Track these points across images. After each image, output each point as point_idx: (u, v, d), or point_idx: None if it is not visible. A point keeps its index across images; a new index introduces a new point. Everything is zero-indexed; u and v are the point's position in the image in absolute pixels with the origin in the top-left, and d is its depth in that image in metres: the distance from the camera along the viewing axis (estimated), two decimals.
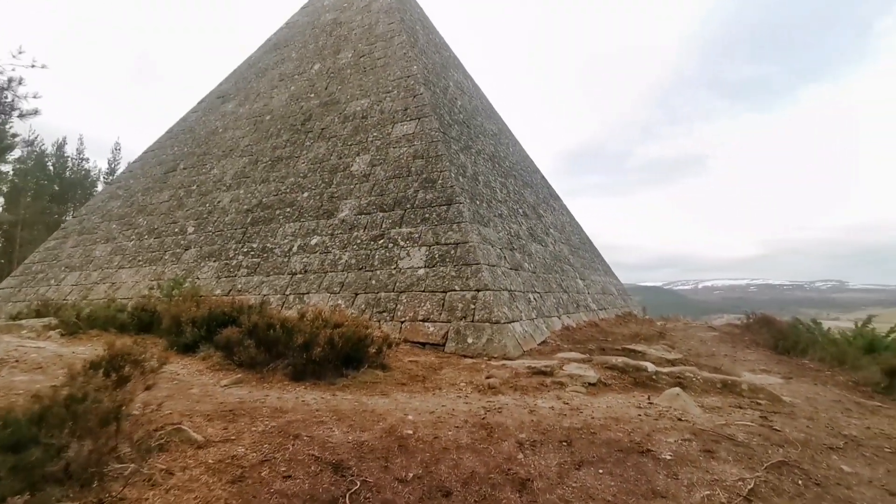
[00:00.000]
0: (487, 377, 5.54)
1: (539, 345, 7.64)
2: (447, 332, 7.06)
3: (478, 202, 9.40)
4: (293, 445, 3.45)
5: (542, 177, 19.48)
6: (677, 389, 5.18)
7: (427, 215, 8.75)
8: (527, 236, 11.11)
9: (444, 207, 8.67)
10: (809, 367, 8.31)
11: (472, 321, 7.03)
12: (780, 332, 11.18)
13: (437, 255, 8.09)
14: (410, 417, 4.11)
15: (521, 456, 3.50)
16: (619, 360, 6.34)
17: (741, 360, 8.32)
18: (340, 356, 5.52)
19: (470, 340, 6.83)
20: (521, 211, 12.06)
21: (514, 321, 7.31)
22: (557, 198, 19.55)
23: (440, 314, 7.33)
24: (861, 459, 3.85)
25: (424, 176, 9.41)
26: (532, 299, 8.73)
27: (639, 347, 8.01)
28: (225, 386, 5.13)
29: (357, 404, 4.52)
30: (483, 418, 4.16)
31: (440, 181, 9.12)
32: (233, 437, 3.53)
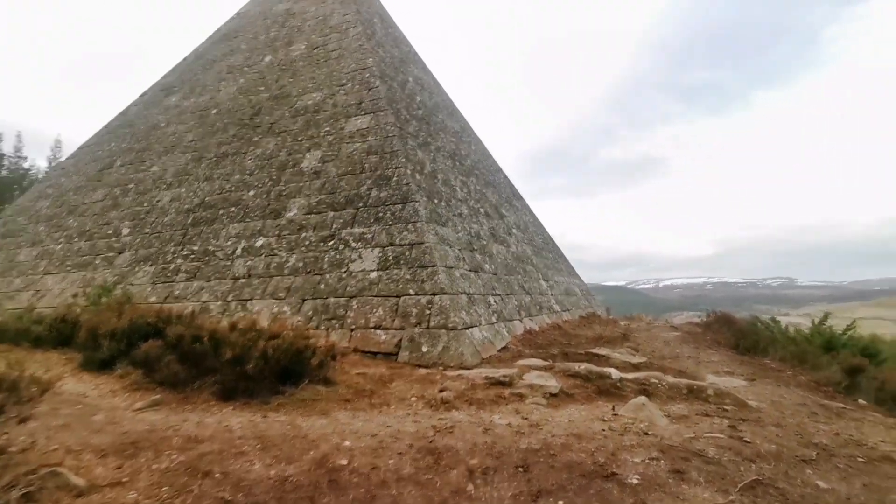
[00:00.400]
0: (441, 390, 5.07)
1: (499, 351, 7.23)
2: (400, 340, 6.56)
3: (436, 201, 8.93)
4: (200, 486, 2.88)
5: (505, 176, 19.22)
6: (643, 398, 4.85)
7: (381, 214, 8.22)
8: (488, 237, 10.72)
9: (399, 206, 8.17)
10: (771, 367, 8.22)
11: (428, 328, 6.55)
12: (741, 331, 11.20)
13: (390, 257, 7.58)
14: (347, 443, 3.59)
15: (470, 487, 3.04)
16: (583, 367, 5.99)
17: (705, 362, 8.16)
18: (276, 371, 4.94)
19: (425, 349, 6.35)
20: (482, 210, 11.68)
21: (472, 326, 6.87)
22: (520, 197, 19.33)
23: (393, 321, 6.82)
24: (835, 473, 3.57)
25: (379, 173, 8.88)
26: (492, 302, 8.33)
27: (602, 351, 7.71)
28: (138, 410, 4.46)
29: (289, 428, 3.96)
30: (431, 441, 3.68)
31: (395, 178, 8.61)
32: (125, 480, 2.92)
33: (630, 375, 5.98)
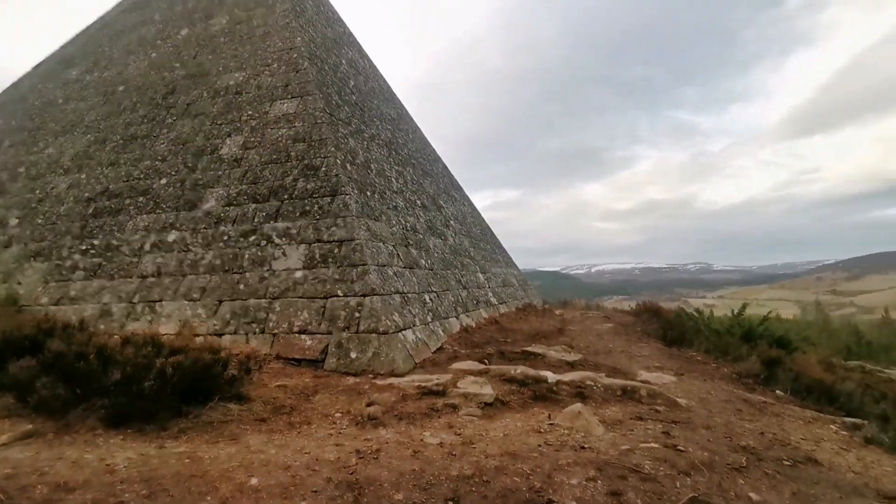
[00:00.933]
0: (368, 404, 4.68)
1: (434, 352, 6.93)
2: (327, 346, 6.09)
3: (368, 193, 8.43)
4: None
5: (444, 166, 18.89)
6: (578, 406, 4.70)
7: (308, 208, 7.62)
8: (424, 230, 10.36)
9: (328, 199, 7.61)
10: (697, 360, 8.50)
11: (357, 332, 6.12)
12: (668, 322, 11.60)
13: (318, 255, 7.03)
14: (255, 481, 3.13)
15: None
16: (519, 370, 5.80)
17: (636, 357, 8.29)
18: (180, 389, 4.34)
19: (354, 355, 5.92)
20: (419, 202, 11.28)
21: (405, 328, 6.51)
22: (459, 187, 19.10)
23: (320, 324, 6.32)
24: (765, 480, 3.55)
25: (306, 162, 8.24)
26: (428, 300, 8.00)
27: (538, 349, 7.62)
28: (2, 445, 3.74)
29: (188, 462, 3.43)
30: (353, 472, 3.29)
31: (324, 168, 8.01)
32: None
33: (566, 377, 5.87)
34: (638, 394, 5.70)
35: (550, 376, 5.73)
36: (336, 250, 6.98)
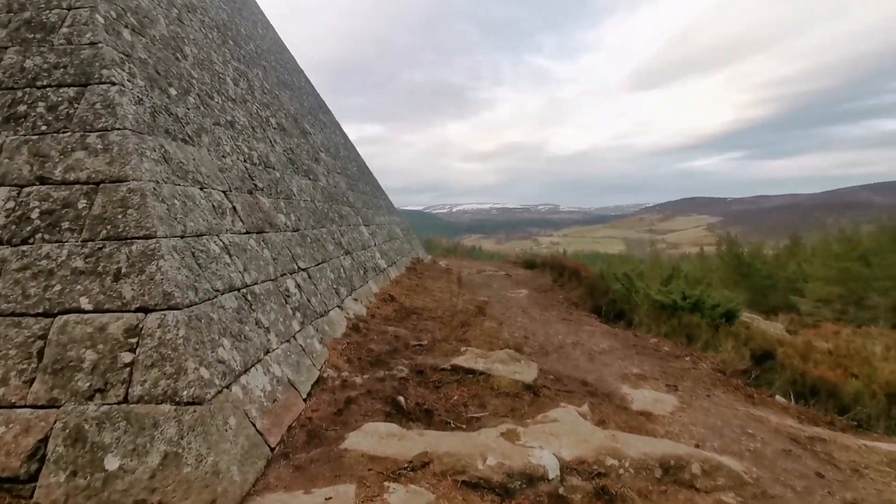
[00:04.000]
0: None
1: (307, 399, 3.70)
2: (45, 443, 2.52)
3: (173, 91, 4.51)
4: None
5: (308, 80, 14.53)
6: None
7: (22, 107, 3.57)
8: (284, 164, 6.66)
9: (72, 91, 3.62)
10: (665, 350, 6.49)
11: (126, 401, 2.62)
12: (594, 287, 9.71)
13: (36, 213, 3.18)
14: None
15: None
16: (489, 461, 2.90)
17: (598, 354, 5.96)
18: None
19: (114, 465, 2.45)
20: (273, 122, 7.40)
21: (246, 371, 3.16)
22: (328, 111, 15.01)
23: (30, 385, 2.67)
24: None
25: (29, 14, 4.01)
26: (293, 290, 4.62)
27: (478, 364, 4.81)
28: None
29: None
30: None
31: (68, 27, 3.90)
32: None
33: (570, 454, 3.16)
34: (688, 472, 3.24)
35: (549, 464, 2.96)
36: (82, 203, 3.19)
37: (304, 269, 5.17)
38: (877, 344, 16.50)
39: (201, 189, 3.96)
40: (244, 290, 3.71)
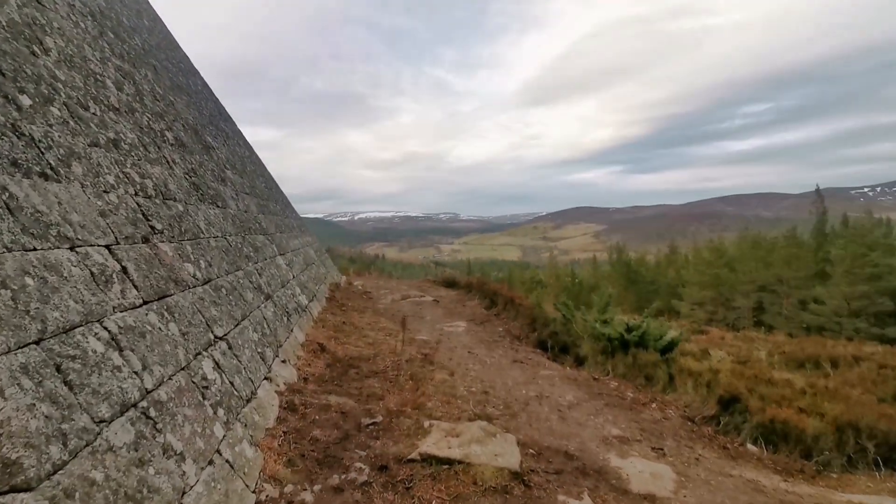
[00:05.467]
0: None
1: None
2: None
3: (25, 99, 3.11)
4: None
5: (206, 83, 12.66)
6: None
7: None
8: (187, 192, 5.28)
9: None
10: (629, 396, 6.10)
11: None
12: (535, 320, 9.26)
13: None
14: None
15: None
16: None
17: (565, 409, 5.37)
18: None
19: None
20: (170, 136, 5.93)
21: None
22: (228, 118, 13.22)
23: None
24: None
25: None
26: (211, 376, 3.41)
27: (452, 449, 3.94)
28: None
29: None
30: None
31: None
32: None
33: None
34: None
35: None
36: None
37: (222, 338, 3.95)
38: (760, 349, 18.14)
39: (72, 249, 2.68)
40: (145, 404, 2.51)
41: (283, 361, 5.12)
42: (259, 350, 4.66)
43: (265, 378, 4.40)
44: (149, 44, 8.08)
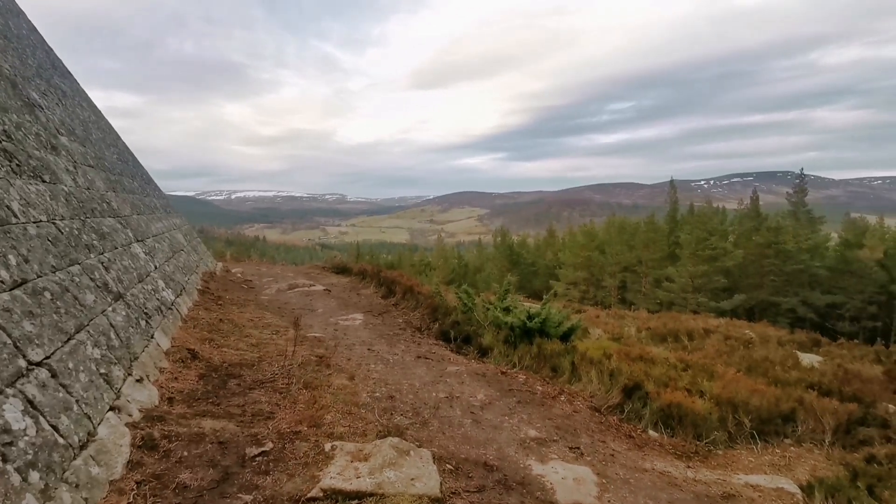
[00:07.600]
0: None
1: None
2: None
3: None
4: None
5: (35, 29, 10.17)
6: None
7: None
8: None
9: None
10: (538, 389, 5.95)
11: None
12: (436, 310, 8.86)
13: None
14: None
15: None
16: None
17: (477, 409, 5.03)
18: None
19: None
20: None
21: None
22: (68, 74, 10.84)
23: None
24: None
25: None
26: (17, 426, 2.42)
27: (362, 478, 3.32)
28: None
29: None
30: None
31: None
32: None
33: None
34: None
35: None
36: None
37: (41, 363, 2.89)
38: (630, 326, 19.86)
39: None
40: None
41: (139, 380, 4.07)
42: (102, 371, 3.60)
43: (111, 408, 3.39)
44: None
